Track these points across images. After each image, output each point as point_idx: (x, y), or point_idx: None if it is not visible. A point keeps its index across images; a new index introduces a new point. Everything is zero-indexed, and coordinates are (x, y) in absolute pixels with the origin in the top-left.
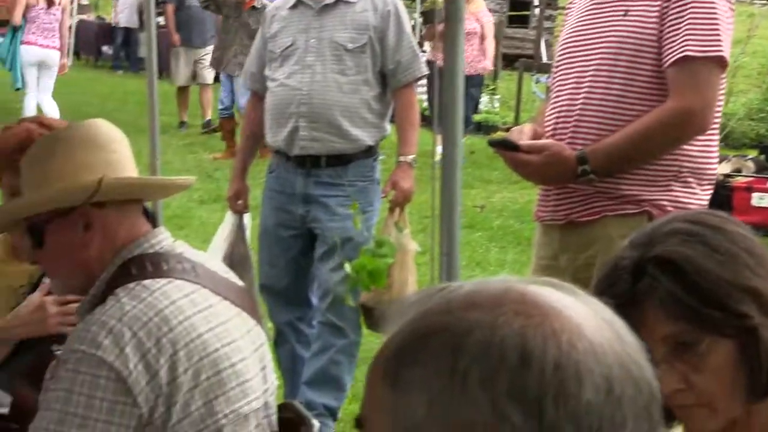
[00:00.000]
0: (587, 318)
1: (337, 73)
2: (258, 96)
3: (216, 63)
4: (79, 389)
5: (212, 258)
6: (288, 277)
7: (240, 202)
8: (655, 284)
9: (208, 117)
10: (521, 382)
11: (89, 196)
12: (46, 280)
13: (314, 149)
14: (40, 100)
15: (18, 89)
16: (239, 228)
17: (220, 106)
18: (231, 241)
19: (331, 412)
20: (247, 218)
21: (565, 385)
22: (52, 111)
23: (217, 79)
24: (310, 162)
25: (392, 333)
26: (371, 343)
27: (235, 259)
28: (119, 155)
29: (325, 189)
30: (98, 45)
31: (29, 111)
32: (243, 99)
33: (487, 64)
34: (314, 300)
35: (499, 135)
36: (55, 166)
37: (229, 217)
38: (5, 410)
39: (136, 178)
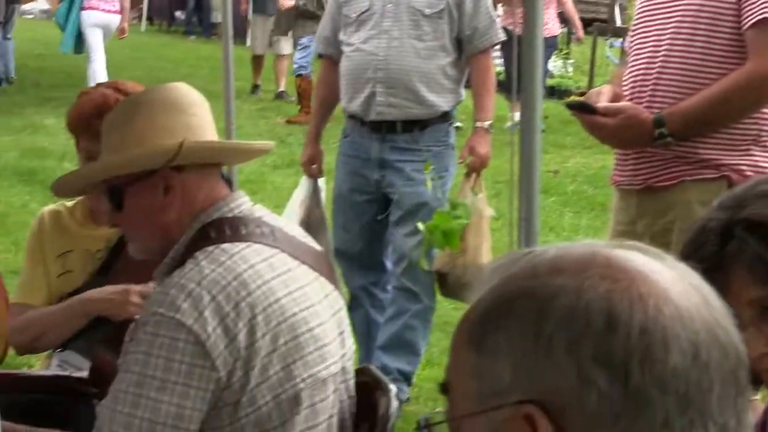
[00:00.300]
0: (674, 282)
1: (414, 38)
2: (331, 60)
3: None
4: (157, 352)
5: (290, 223)
6: (362, 241)
7: (314, 166)
8: (743, 247)
9: (282, 88)
10: (607, 347)
11: (170, 159)
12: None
13: (391, 115)
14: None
15: (65, 53)
16: (314, 193)
17: (295, 66)
18: (306, 206)
19: (406, 377)
20: (321, 183)
21: (652, 350)
22: (103, 74)
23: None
24: (386, 127)
25: (477, 298)
26: (445, 308)
27: (311, 223)
28: (199, 119)
29: (400, 154)
30: (171, 10)
31: (95, 75)
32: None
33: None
34: (388, 265)
35: (575, 98)
36: (136, 129)
37: (304, 182)
38: (84, 374)
39: (218, 142)
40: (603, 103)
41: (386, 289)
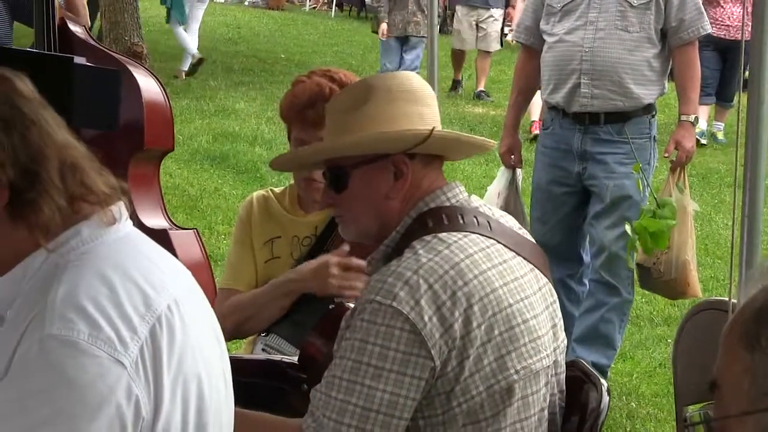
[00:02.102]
0: None
1: (620, 29)
2: (532, 50)
3: None
4: (373, 340)
5: (505, 214)
6: (560, 234)
7: (513, 156)
8: None
9: (482, 88)
10: None
11: (413, 145)
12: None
13: (594, 107)
14: (189, 30)
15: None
16: (512, 183)
17: None
18: (505, 196)
19: (601, 371)
20: (519, 173)
21: None
22: (194, 43)
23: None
24: (589, 119)
25: (750, 296)
26: (637, 302)
27: (509, 211)
28: (431, 110)
29: (603, 146)
30: None
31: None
32: None
33: None
34: (585, 258)
35: None
36: (372, 112)
37: (502, 172)
38: (293, 359)
39: (465, 135)
40: None
41: (583, 282)
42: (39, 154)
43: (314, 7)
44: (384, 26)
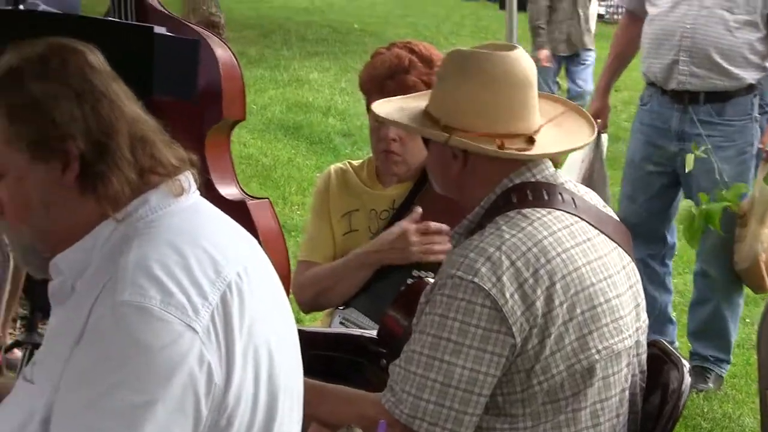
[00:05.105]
0: None
1: (725, 9)
2: (634, 16)
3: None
4: (453, 315)
5: (590, 191)
6: (646, 212)
7: (599, 120)
8: None
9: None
10: None
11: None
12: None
13: (692, 85)
14: None
15: None
16: (597, 147)
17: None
18: (590, 160)
19: (719, 364)
20: (604, 138)
21: None
22: None
23: None
24: (688, 97)
25: None
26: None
27: (593, 179)
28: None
29: (702, 127)
30: None
31: None
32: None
33: None
34: (670, 238)
35: None
36: (472, 96)
37: None
38: (372, 333)
39: (562, 151)
40: None
41: (665, 263)
42: (110, 127)
43: None
44: (544, 53)
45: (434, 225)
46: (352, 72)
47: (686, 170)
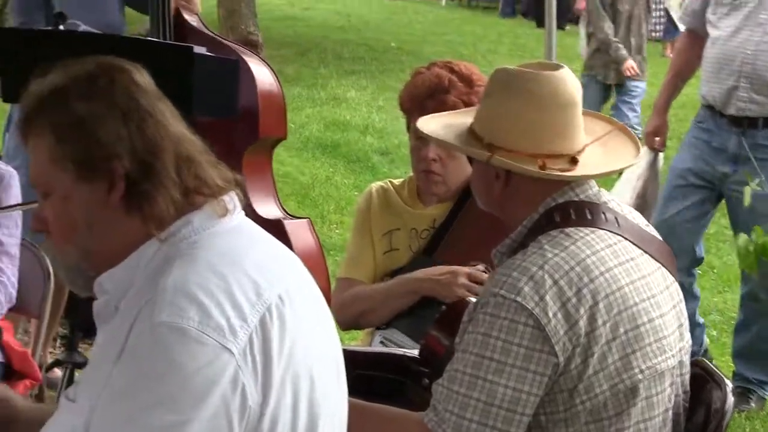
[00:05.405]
0: None
1: None
2: (695, 35)
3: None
4: (496, 334)
5: (633, 210)
6: (680, 222)
7: (658, 138)
8: None
9: None
10: None
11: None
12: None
13: (752, 111)
14: None
15: None
16: (653, 165)
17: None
18: (645, 179)
19: (762, 385)
20: (660, 157)
21: None
22: None
23: None
24: (747, 122)
25: None
26: None
27: (646, 198)
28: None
29: (760, 152)
30: None
31: None
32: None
33: None
34: (698, 250)
35: None
36: (515, 115)
37: (644, 154)
38: (414, 353)
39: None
40: None
41: (692, 273)
42: (156, 146)
43: None
44: (629, 63)
45: (485, 278)
46: (390, 90)
47: (745, 204)
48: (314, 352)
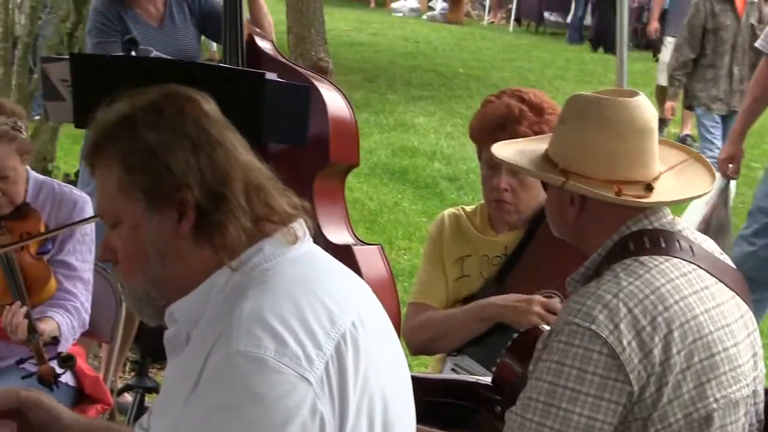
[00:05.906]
0: None
1: None
2: None
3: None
4: (570, 362)
5: (708, 239)
6: (761, 258)
7: (731, 166)
8: None
9: (688, 131)
10: None
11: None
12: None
13: None
14: None
15: None
16: (724, 192)
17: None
18: (713, 205)
19: None
20: (732, 184)
21: None
22: None
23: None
24: None
25: None
26: None
27: (711, 224)
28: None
29: None
30: (540, 11)
31: None
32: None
33: None
34: None
35: None
36: (590, 142)
37: (716, 180)
38: (486, 380)
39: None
40: None
41: (766, 304)
42: (225, 176)
43: (492, 22)
44: (671, 104)
45: (559, 306)
46: (458, 116)
47: None
48: (386, 379)
